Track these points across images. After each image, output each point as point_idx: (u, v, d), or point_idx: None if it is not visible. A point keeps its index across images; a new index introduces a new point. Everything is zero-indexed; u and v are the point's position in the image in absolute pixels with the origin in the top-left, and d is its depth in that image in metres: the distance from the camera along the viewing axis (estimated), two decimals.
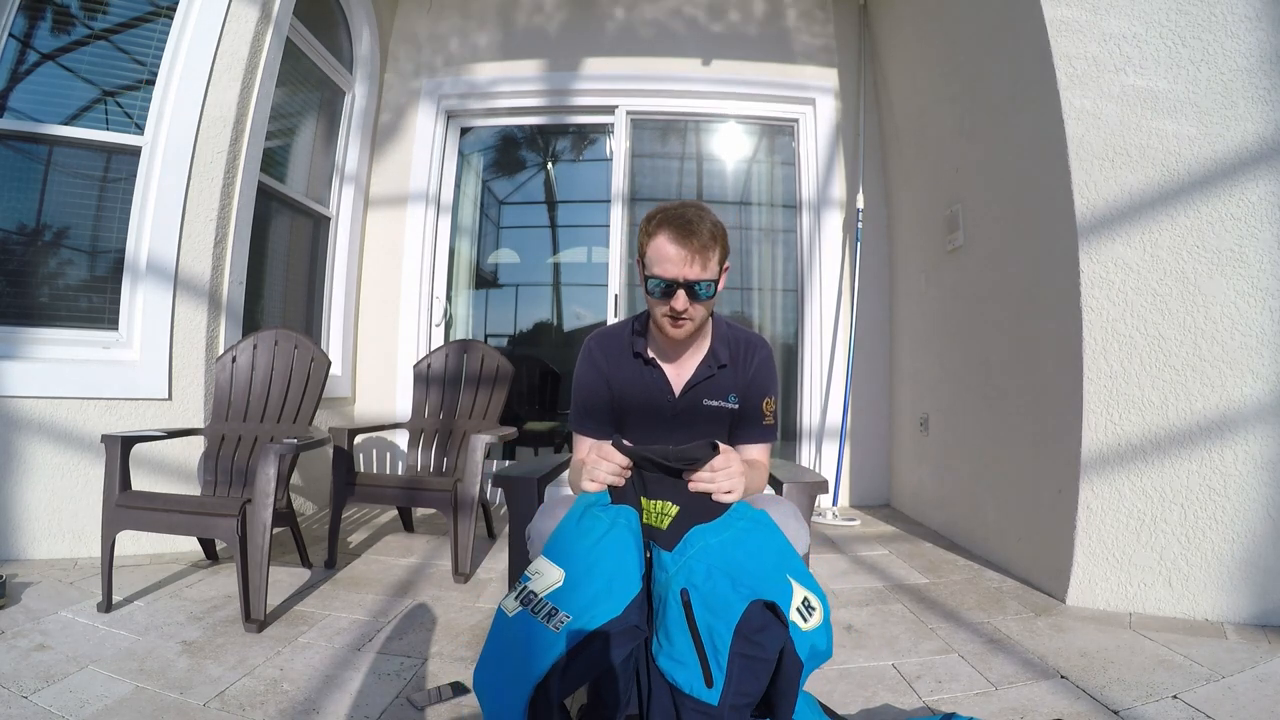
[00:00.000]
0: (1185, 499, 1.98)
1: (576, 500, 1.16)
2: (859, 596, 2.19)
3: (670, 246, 1.26)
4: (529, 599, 1.00)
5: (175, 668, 1.58)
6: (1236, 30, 1.99)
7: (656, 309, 1.32)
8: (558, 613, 0.98)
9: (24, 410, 2.37)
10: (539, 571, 1.04)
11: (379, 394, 3.73)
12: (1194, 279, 2.00)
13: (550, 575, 1.02)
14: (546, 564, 1.04)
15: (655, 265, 1.28)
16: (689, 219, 1.27)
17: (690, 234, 1.25)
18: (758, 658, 1.00)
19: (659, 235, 1.28)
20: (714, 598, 1.02)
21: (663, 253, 1.26)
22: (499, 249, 4.38)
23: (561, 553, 1.06)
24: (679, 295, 1.26)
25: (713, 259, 1.28)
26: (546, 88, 3.86)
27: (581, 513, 1.10)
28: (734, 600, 1.01)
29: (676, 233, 1.26)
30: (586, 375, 1.44)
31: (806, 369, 3.76)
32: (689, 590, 1.03)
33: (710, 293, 1.29)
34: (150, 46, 2.64)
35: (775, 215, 4.02)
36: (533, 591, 1.01)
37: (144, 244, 2.53)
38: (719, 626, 1.00)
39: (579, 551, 1.04)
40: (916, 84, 3.33)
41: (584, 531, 1.07)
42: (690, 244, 1.25)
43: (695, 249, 1.25)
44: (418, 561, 2.56)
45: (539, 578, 1.03)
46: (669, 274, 1.26)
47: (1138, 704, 1.45)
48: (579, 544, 1.05)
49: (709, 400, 1.40)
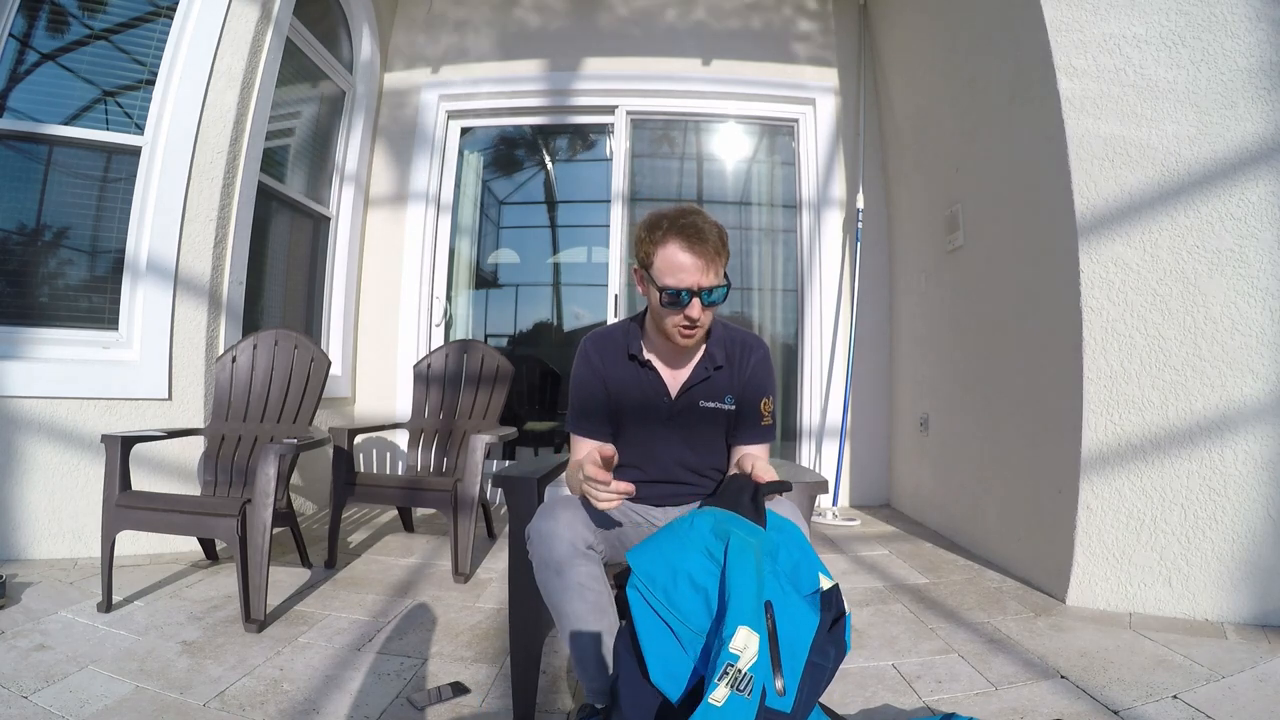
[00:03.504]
0: (1185, 499, 1.98)
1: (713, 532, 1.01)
2: (859, 596, 2.19)
3: (683, 255, 1.24)
4: (739, 680, 0.84)
5: (175, 668, 1.58)
6: (1236, 30, 1.99)
7: (668, 318, 1.30)
8: (752, 679, 0.85)
9: (24, 410, 2.37)
10: (744, 646, 0.86)
11: (379, 394, 3.73)
12: (1194, 279, 2.00)
13: (752, 645, 0.87)
14: (748, 634, 0.87)
15: (668, 275, 1.26)
16: (699, 226, 1.26)
17: (703, 241, 1.25)
18: (824, 666, 0.97)
19: (670, 244, 1.26)
20: (792, 609, 0.97)
21: (676, 262, 1.25)
22: (499, 249, 4.38)
23: (747, 604, 0.90)
24: (695, 304, 1.26)
25: (722, 264, 1.29)
26: (546, 87, 3.86)
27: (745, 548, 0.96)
28: (808, 612, 0.97)
29: (688, 241, 1.24)
30: (583, 376, 1.44)
31: (806, 369, 3.76)
32: (772, 602, 0.97)
33: (723, 298, 1.29)
34: (150, 46, 2.64)
35: (775, 215, 4.02)
36: (740, 670, 0.85)
37: (144, 244, 2.53)
38: (798, 636, 0.95)
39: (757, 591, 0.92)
40: (916, 84, 3.33)
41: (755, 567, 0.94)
42: (704, 252, 1.25)
43: (709, 257, 1.25)
44: (418, 561, 2.56)
45: (746, 652, 0.86)
46: (684, 283, 1.25)
47: (1138, 704, 1.45)
48: (757, 584, 0.93)
49: (705, 402, 1.40)
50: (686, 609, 0.93)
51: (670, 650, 0.92)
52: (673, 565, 0.96)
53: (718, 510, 1.06)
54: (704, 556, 0.96)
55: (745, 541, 0.98)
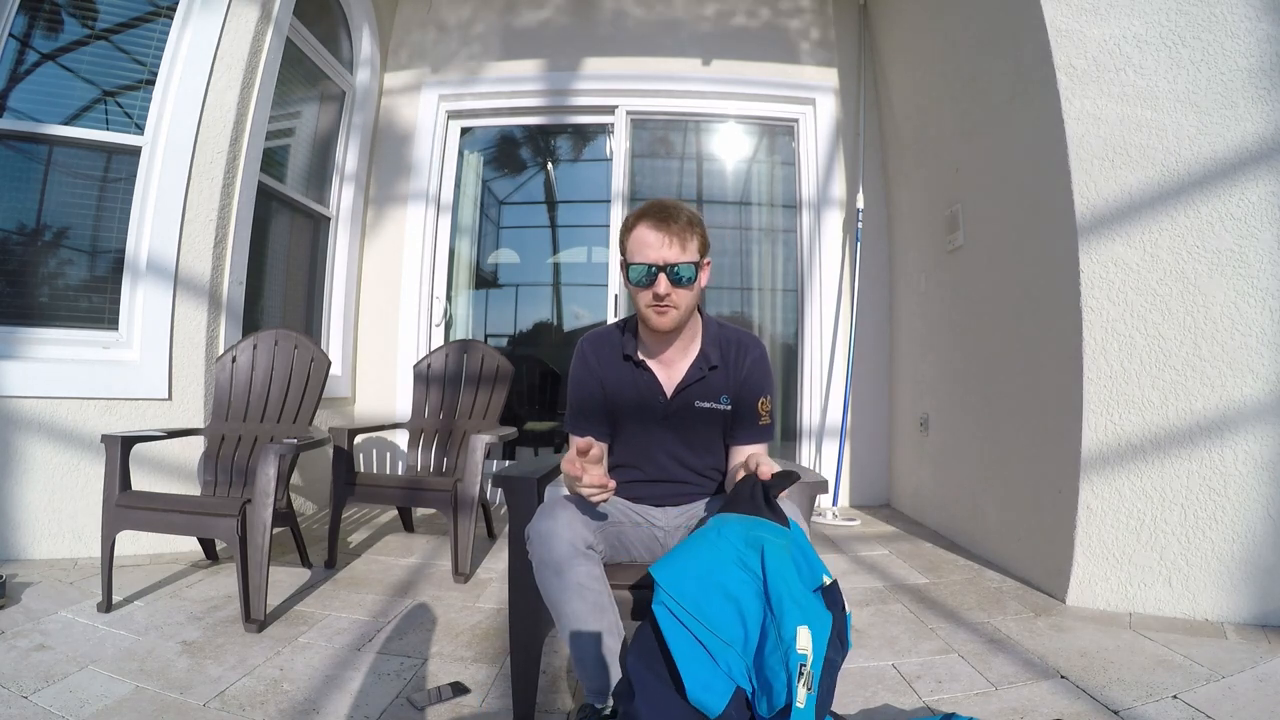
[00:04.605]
0: (1185, 499, 1.98)
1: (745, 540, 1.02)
2: (859, 596, 2.19)
3: (649, 233, 1.30)
4: (810, 679, 0.88)
5: (175, 668, 1.58)
6: (1236, 30, 1.99)
7: (640, 299, 1.34)
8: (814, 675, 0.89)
9: (24, 410, 2.37)
10: (807, 646, 0.90)
11: (379, 394, 3.73)
12: (1194, 279, 2.00)
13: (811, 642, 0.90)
14: (807, 632, 0.90)
15: (635, 254, 1.32)
16: (665, 205, 1.33)
17: (668, 219, 1.30)
18: (836, 662, 0.97)
19: (638, 226, 1.32)
20: (811, 609, 0.97)
21: (642, 240, 1.31)
22: (499, 249, 4.38)
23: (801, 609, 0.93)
24: (660, 279, 1.29)
25: (691, 243, 1.31)
26: (546, 87, 3.86)
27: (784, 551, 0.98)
28: (822, 610, 0.97)
29: (654, 219, 1.31)
30: (580, 377, 1.45)
31: (806, 369, 3.76)
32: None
33: (692, 276, 1.31)
34: (150, 46, 2.64)
35: (775, 215, 4.02)
36: (807, 669, 0.89)
37: (144, 244, 2.53)
38: (820, 631, 0.95)
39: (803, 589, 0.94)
40: (916, 84, 3.33)
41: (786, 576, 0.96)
42: (668, 228, 1.29)
43: (674, 232, 1.29)
44: (418, 561, 2.56)
45: (810, 651, 0.90)
46: (649, 259, 1.29)
47: (1138, 704, 1.45)
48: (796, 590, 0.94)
49: (700, 402, 1.41)
50: (719, 621, 0.92)
51: (704, 664, 0.92)
52: (703, 578, 0.95)
53: (744, 517, 1.04)
54: (738, 567, 0.95)
55: (778, 545, 0.97)
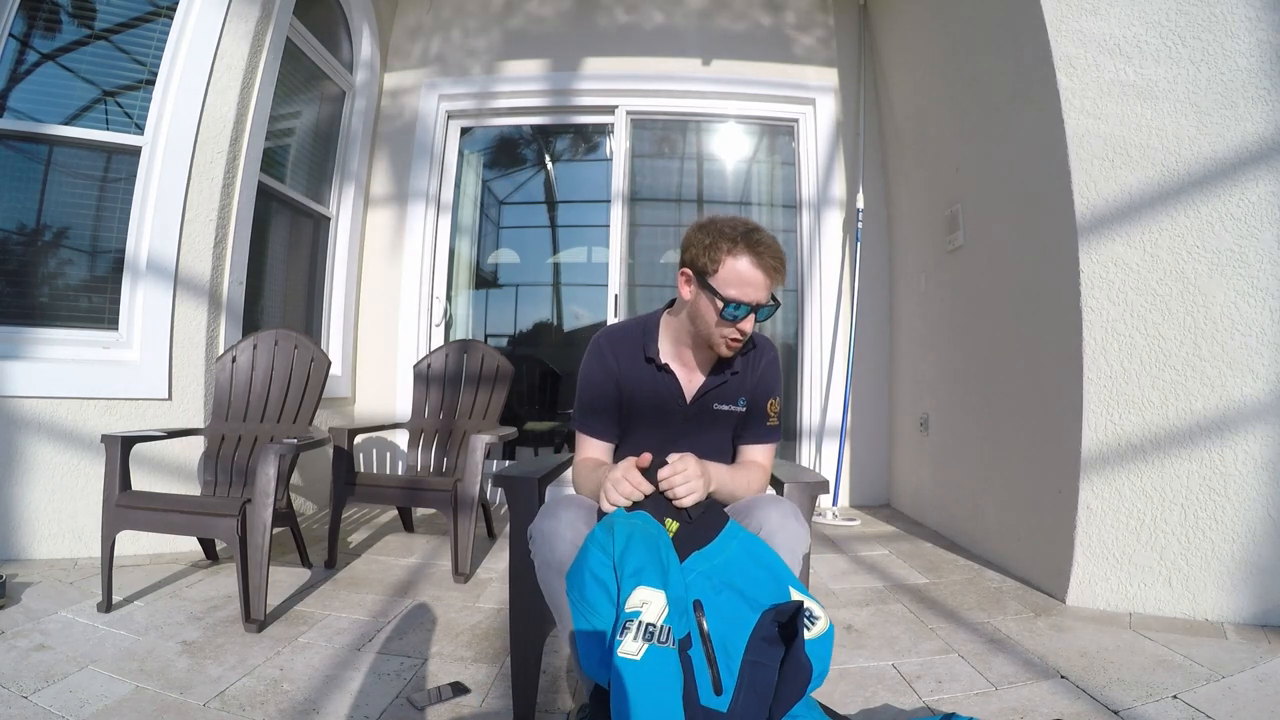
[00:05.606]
0: (1185, 499, 1.98)
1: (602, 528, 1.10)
2: (859, 596, 2.19)
3: (756, 272, 1.25)
4: (651, 632, 0.94)
5: (175, 668, 1.58)
6: (1236, 30, 1.99)
7: (720, 330, 1.30)
8: (670, 629, 0.94)
9: (24, 410, 2.37)
10: (646, 601, 0.96)
11: (379, 394, 3.73)
12: (1194, 279, 2.00)
13: (657, 600, 0.96)
14: (648, 591, 0.97)
15: (733, 287, 1.25)
16: (774, 244, 1.28)
17: (779, 260, 1.27)
18: (768, 665, 1.01)
19: (743, 257, 1.25)
20: (726, 608, 1.03)
21: (747, 276, 1.25)
22: (499, 249, 4.38)
23: (645, 571, 1.00)
24: (750, 319, 1.29)
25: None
26: (547, 87, 3.86)
27: (628, 532, 1.06)
28: (745, 610, 1.03)
29: (760, 258, 1.25)
30: (595, 374, 1.41)
31: (806, 369, 3.76)
32: (701, 601, 1.04)
33: (770, 315, 1.33)
34: (150, 47, 2.64)
35: (775, 215, 4.02)
36: (650, 624, 0.94)
37: (144, 244, 2.53)
38: (732, 635, 1.01)
39: (655, 562, 1.01)
40: (916, 84, 3.33)
41: (649, 543, 1.04)
42: (778, 273, 1.27)
43: (780, 277, 1.29)
44: (418, 561, 2.56)
45: (649, 607, 0.96)
46: (749, 298, 1.26)
47: (1138, 704, 1.45)
48: (654, 556, 1.01)
49: (719, 405, 1.40)
50: (596, 602, 1.02)
51: (594, 642, 1.01)
52: (581, 567, 1.06)
53: (618, 511, 1.13)
54: (598, 550, 1.05)
55: (630, 525, 1.07)
